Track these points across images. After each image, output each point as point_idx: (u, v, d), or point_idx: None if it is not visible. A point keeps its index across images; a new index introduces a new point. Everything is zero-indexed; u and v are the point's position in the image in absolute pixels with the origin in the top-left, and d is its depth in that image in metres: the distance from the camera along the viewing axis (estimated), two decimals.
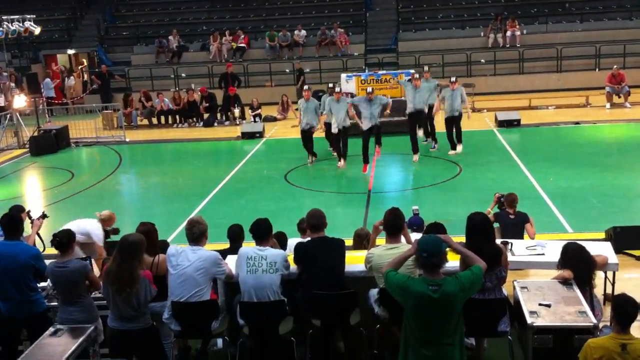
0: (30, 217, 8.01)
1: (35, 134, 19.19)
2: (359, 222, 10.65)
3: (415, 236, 6.81)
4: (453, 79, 15.45)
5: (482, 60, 25.26)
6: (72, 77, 26.94)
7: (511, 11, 27.37)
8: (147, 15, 30.73)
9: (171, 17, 30.28)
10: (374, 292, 6.24)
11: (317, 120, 15.19)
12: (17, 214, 7.25)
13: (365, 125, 14.12)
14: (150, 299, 5.98)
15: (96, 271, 7.31)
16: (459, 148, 15.31)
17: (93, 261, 7.46)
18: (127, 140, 19.67)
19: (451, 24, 27.96)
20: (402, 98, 16.52)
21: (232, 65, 24.09)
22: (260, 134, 19.01)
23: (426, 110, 15.18)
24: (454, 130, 15.26)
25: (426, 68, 16.73)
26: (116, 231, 8.62)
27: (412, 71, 18.68)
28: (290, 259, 6.47)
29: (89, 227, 8.37)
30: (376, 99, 14.16)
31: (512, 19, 26.13)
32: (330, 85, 15.80)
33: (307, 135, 15.12)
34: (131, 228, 6.99)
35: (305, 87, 15.86)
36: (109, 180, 15.38)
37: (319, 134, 15.68)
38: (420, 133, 15.67)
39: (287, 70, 26.12)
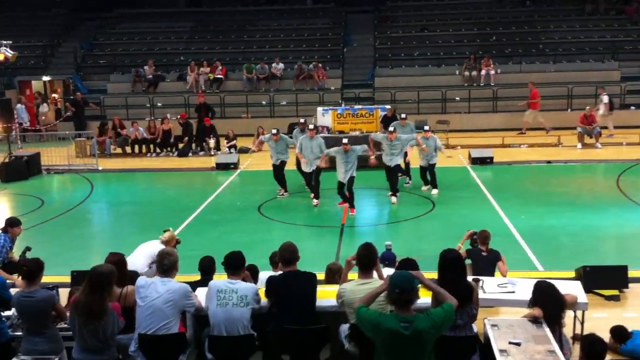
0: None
1: (7, 160, 18.95)
2: (332, 256, 10.63)
3: (388, 271, 6.82)
4: (426, 127, 15.48)
5: (457, 98, 25.59)
6: (45, 104, 26.72)
7: (486, 50, 27.86)
8: (124, 44, 30.74)
9: (149, 46, 30.32)
10: (344, 328, 6.20)
11: (287, 154, 15.25)
12: None
13: (340, 176, 13.68)
14: (118, 331, 5.88)
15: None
16: (435, 192, 15.13)
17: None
18: (100, 168, 19.51)
19: (427, 61, 28.34)
20: (378, 133, 16.60)
21: (203, 96, 24.16)
22: (235, 165, 18.98)
23: (402, 162, 14.84)
24: (428, 174, 15.29)
25: (403, 115, 16.57)
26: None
27: (388, 107, 18.92)
28: (262, 292, 6.42)
29: (156, 250, 8.16)
30: (352, 150, 13.54)
31: (487, 58, 26.58)
32: (302, 120, 15.70)
33: (278, 168, 15.22)
34: (101, 258, 6.88)
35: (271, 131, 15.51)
36: (80, 209, 15.20)
37: (291, 166, 15.63)
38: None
39: (264, 103, 26.23)
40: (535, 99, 23.36)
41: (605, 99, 22.53)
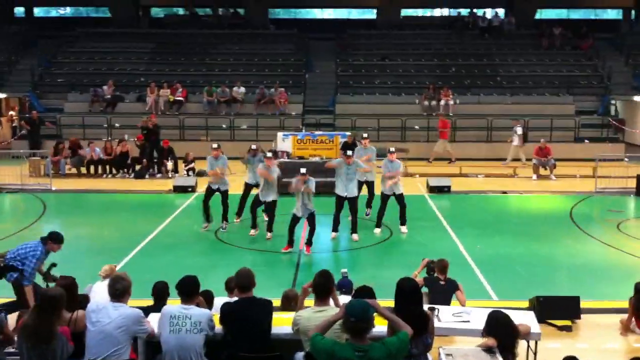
0: None
1: None
2: (288, 283, 10.56)
3: (344, 299, 6.79)
4: (392, 149, 14.58)
5: (417, 127, 25.89)
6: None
7: (445, 81, 28.32)
8: (83, 64, 30.38)
9: (108, 66, 30.02)
10: (300, 356, 6.13)
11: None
12: None
13: (297, 211, 12.82)
14: (67, 356, 5.73)
15: None
16: (404, 229, 14.31)
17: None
18: (54, 188, 19.11)
19: (387, 89, 28.70)
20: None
21: (155, 117, 23.94)
22: (193, 189, 18.78)
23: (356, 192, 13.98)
24: (399, 207, 14.26)
25: (365, 134, 15.86)
26: None
27: (349, 133, 18.99)
28: (216, 318, 6.32)
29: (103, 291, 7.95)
30: (311, 181, 12.68)
31: (446, 89, 27.01)
32: (253, 146, 14.94)
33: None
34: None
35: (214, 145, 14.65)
36: (31, 230, 14.79)
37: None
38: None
39: (224, 126, 26.15)
40: (445, 129, 24.19)
41: (519, 130, 23.29)
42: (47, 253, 8.87)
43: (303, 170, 12.71)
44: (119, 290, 6.09)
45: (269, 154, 14.11)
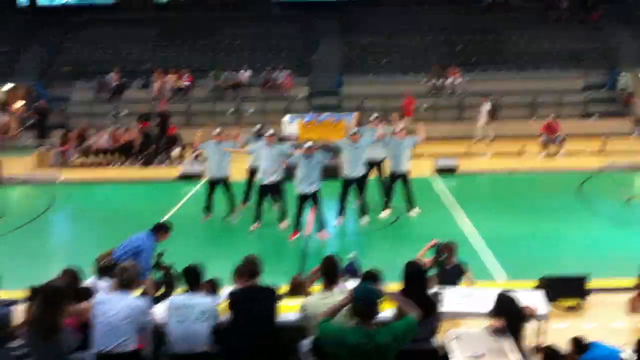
0: None
1: None
2: (296, 269, 10.53)
3: (352, 284, 6.80)
4: (401, 125, 14.23)
5: (424, 106, 25.72)
6: (6, 113, 26.22)
7: (452, 59, 28.07)
8: (89, 51, 30.31)
9: (114, 53, 29.91)
10: (305, 343, 6.15)
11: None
12: None
13: (299, 188, 12.46)
14: (74, 348, 5.76)
15: None
16: (414, 212, 14.05)
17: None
18: (62, 178, 19.15)
19: (394, 69, 28.48)
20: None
21: (166, 103, 23.94)
22: (201, 175, 18.76)
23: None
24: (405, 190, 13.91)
25: (375, 115, 15.11)
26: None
27: (354, 114, 18.83)
28: (223, 306, 6.34)
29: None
30: (316, 156, 12.20)
31: (453, 67, 26.78)
32: (257, 127, 14.69)
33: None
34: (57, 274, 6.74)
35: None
36: (39, 221, 14.85)
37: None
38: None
39: (230, 111, 26.07)
40: (409, 107, 23.99)
41: (488, 106, 23.10)
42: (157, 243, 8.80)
43: (308, 143, 12.42)
44: (126, 281, 6.10)
45: (271, 131, 13.52)
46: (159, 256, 8.55)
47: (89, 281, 7.71)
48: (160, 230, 8.82)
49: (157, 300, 6.79)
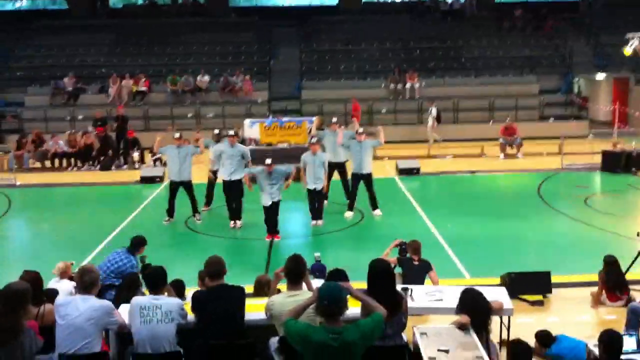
0: None
1: None
2: (261, 268, 10.49)
3: (317, 283, 6.75)
4: (360, 129, 14.50)
5: (383, 110, 25.91)
6: None
7: (410, 65, 28.34)
8: (42, 57, 29.79)
9: (68, 58, 29.45)
10: (274, 341, 6.09)
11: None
12: None
13: (264, 200, 12.62)
14: (36, 351, 5.63)
15: None
16: (378, 213, 14.21)
17: None
18: (18, 183, 18.74)
19: (353, 74, 28.64)
20: (305, 145, 16.48)
21: (122, 107, 23.78)
22: (161, 179, 18.53)
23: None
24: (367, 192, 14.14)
25: (334, 119, 15.53)
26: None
27: (314, 118, 18.86)
28: (188, 307, 6.24)
29: (64, 286, 7.76)
30: (276, 171, 12.51)
31: (411, 72, 27.04)
32: (216, 131, 14.78)
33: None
34: (17, 277, 6.55)
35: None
36: None
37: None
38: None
39: (190, 115, 25.86)
40: (356, 111, 24.25)
41: (434, 111, 23.45)
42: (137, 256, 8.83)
43: (268, 160, 12.51)
44: (87, 283, 5.98)
45: (231, 132, 13.84)
46: (143, 260, 8.59)
47: (50, 284, 7.55)
48: (138, 246, 8.76)
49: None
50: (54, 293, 6.58)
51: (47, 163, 21.48)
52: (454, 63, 29.20)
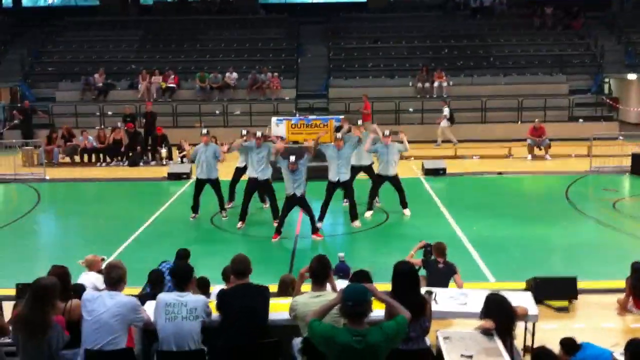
0: None
1: None
2: (285, 268, 10.52)
3: (341, 283, 6.76)
4: (387, 132, 14.32)
5: (410, 109, 25.81)
6: None
7: (438, 63, 28.21)
8: (73, 53, 30.17)
9: (99, 55, 29.81)
10: (297, 342, 6.11)
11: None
12: None
13: (288, 188, 12.47)
14: (63, 345, 5.69)
15: None
16: (407, 212, 14.19)
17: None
18: (48, 178, 19.01)
19: (380, 72, 28.58)
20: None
21: (152, 104, 24.05)
22: (188, 175, 18.66)
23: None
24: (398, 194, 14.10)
25: (359, 122, 15.63)
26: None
27: (342, 117, 18.87)
28: (212, 305, 6.29)
29: (87, 282, 7.78)
30: (301, 166, 12.37)
31: (439, 70, 26.91)
32: (244, 132, 14.63)
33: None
34: (47, 271, 6.65)
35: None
36: (26, 220, 14.75)
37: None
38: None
39: (217, 112, 26.01)
40: (367, 110, 24.02)
41: (446, 111, 23.24)
42: None
43: (292, 158, 12.43)
44: (114, 279, 6.03)
45: (259, 134, 13.64)
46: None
47: (80, 277, 7.65)
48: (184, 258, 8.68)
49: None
50: (81, 288, 6.66)
51: (77, 158, 21.76)
52: (482, 61, 28.99)
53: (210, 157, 13.74)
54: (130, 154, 21.31)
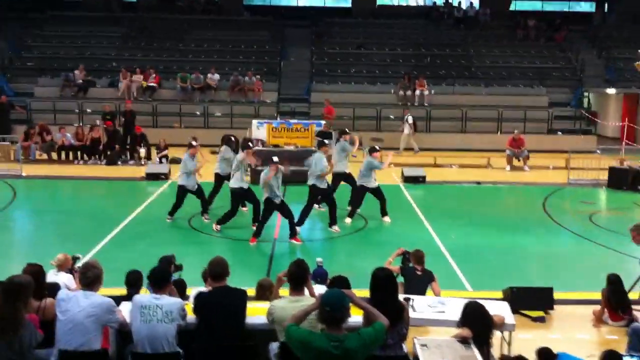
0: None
1: None
2: (263, 272, 10.47)
3: (319, 288, 6.74)
4: (377, 147, 14.50)
5: (392, 116, 25.88)
6: None
7: (420, 71, 28.33)
8: (54, 48, 29.86)
9: (79, 50, 29.53)
10: (274, 346, 6.07)
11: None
12: None
13: (269, 193, 12.38)
14: (36, 344, 5.63)
15: None
16: (387, 219, 14.29)
17: None
18: (24, 174, 18.76)
19: (363, 78, 28.64)
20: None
21: (131, 102, 23.89)
22: (166, 176, 18.55)
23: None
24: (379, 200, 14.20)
25: (346, 130, 15.91)
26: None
27: (324, 122, 18.92)
28: (189, 308, 6.23)
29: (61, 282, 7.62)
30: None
31: (421, 79, 27.01)
32: (194, 143, 14.21)
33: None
34: (21, 269, 6.55)
35: None
36: (0, 216, 14.54)
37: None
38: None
39: (198, 113, 25.88)
40: (330, 114, 24.05)
41: (410, 119, 23.45)
42: None
43: (275, 158, 12.44)
44: (90, 279, 5.98)
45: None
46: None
47: (48, 276, 7.52)
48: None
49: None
50: (56, 287, 6.57)
51: (54, 155, 21.50)
52: (464, 71, 29.20)
53: (192, 167, 13.68)
54: (109, 153, 21.12)
